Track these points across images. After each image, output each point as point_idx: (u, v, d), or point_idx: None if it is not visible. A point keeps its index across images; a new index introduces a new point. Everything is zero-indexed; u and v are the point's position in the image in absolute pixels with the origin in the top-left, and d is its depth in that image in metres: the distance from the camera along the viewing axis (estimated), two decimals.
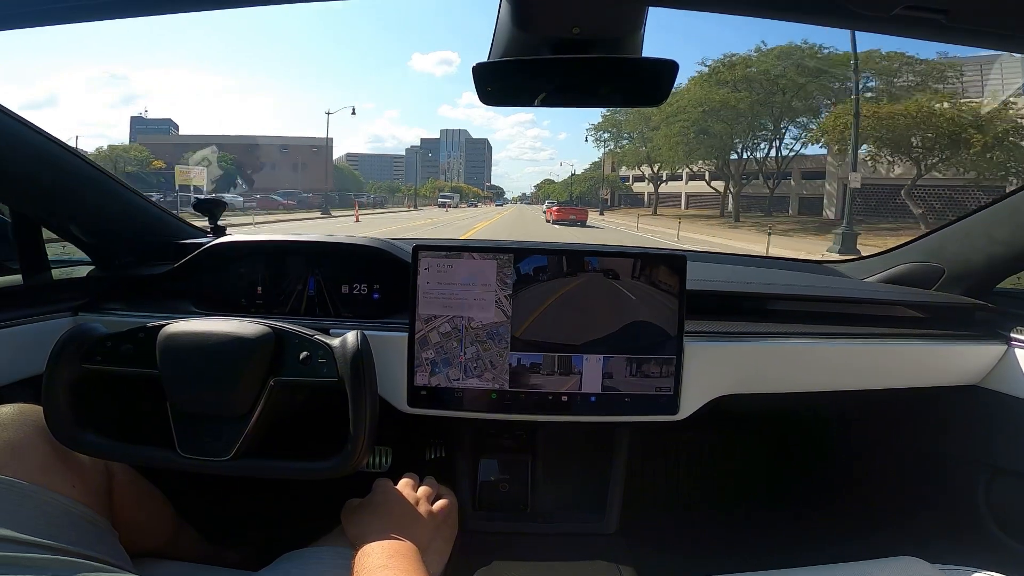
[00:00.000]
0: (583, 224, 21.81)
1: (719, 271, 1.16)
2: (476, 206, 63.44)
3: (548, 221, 22.42)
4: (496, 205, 69.33)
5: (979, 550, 0.94)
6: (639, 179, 43.36)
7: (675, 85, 0.66)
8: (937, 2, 0.45)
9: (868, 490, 1.21)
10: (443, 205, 51.30)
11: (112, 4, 0.61)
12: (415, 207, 46.08)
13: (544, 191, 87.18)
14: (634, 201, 44.64)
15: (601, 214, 35.28)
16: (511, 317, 0.81)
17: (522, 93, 0.73)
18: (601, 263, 0.82)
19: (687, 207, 33.66)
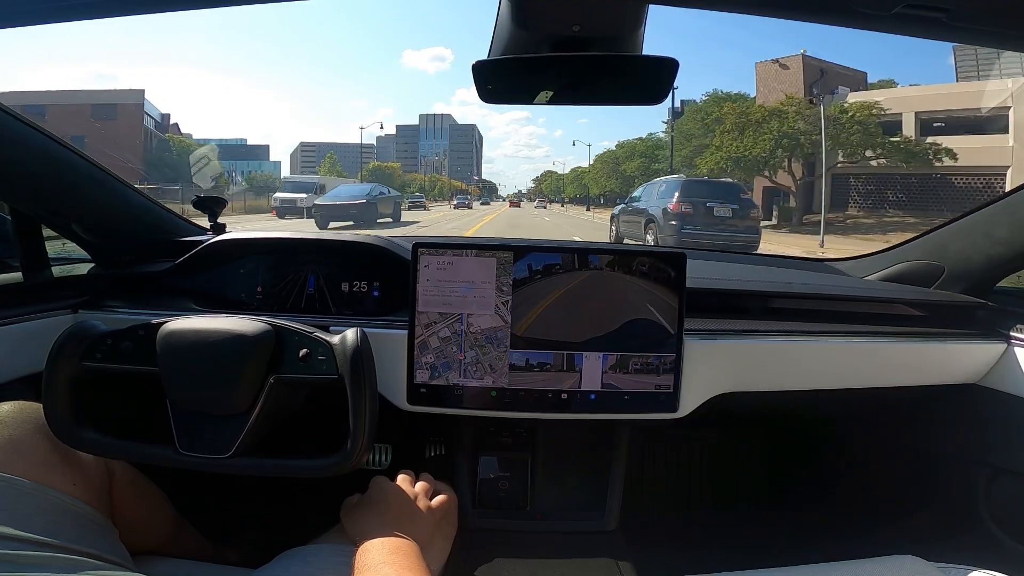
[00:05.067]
0: (518, 205, 37.39)
1: (719, 269, 1.16)
2: (424, 206, 32.68)
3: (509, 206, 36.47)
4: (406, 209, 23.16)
5: (978, 549, 0.94)
6: None
7: None
8: (938, 0, 0.45)
9: (867, 488, 1.22)
10: (288, 211, 18.78)
11: (104, 3, 0.61)
12: None
13: (548, 185, 74.38)
14: None
15: None
16: (511, 315, 0.81)
17: (522, 91, 0.73)
18: (601, 261, 0.82)
19: None
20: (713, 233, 8.41)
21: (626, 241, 9.72)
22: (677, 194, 8.69)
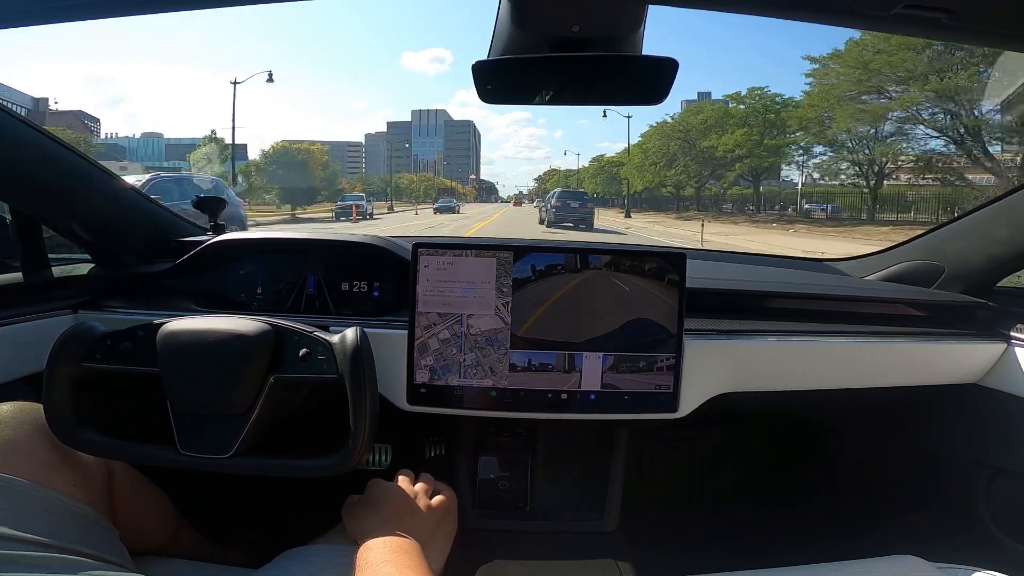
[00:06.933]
0: (520, 205, 40.22)
1: (719, 269, 1.16)
2: (368, 215, 23.48)
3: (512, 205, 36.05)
4: None
5: (977, 549, 0.95)
6: None
7: None
8: (938, 1, 0.45)
9: (867, 488, 1.22)
10: None
11: (104, 3, 0.61)
12: None
13: (553, 184, 67.98)
14: None
15: None
16: (511, 315, 0.81)
17: (522, 91, 0.73)
18: (601, 261, 0.82)
19: None
20: (569, 214, 17.63)
21: (545, 222, 18.42)
22: (555, 197, 19.14)
